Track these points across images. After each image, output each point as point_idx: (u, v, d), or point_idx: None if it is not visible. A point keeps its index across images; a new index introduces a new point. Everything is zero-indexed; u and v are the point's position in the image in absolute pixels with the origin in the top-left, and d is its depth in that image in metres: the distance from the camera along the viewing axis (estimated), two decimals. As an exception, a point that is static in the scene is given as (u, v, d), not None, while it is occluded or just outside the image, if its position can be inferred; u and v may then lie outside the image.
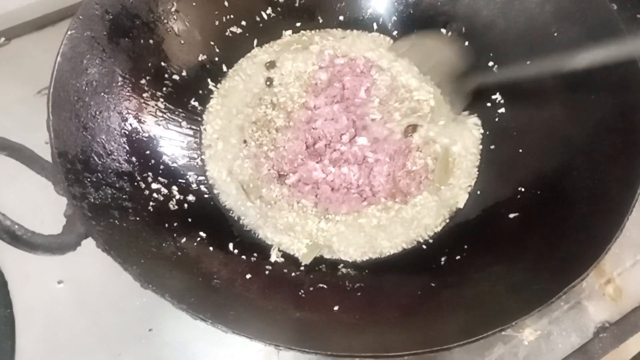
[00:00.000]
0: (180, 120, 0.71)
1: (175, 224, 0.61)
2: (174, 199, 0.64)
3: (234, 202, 0.69)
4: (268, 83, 0.77)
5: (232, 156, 0.71)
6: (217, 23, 0.75)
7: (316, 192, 0.68)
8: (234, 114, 0.75)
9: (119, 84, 0.64)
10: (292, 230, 0.67)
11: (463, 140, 0.72)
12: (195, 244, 0.61)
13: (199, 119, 0.73)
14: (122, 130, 0.63)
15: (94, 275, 0.65)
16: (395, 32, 0.80)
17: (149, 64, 0.68)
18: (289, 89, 0.76)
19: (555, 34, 0.66)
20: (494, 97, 0.72)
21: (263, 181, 0.69)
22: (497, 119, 0.71)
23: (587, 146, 0.60)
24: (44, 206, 0.64)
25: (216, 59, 0.76)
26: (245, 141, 0.72)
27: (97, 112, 0.59)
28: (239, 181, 0.70)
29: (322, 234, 0.66)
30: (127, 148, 0.62)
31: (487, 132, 0.72)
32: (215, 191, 0.69)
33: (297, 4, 0.79)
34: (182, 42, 0.72)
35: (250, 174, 0.70)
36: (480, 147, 0.72)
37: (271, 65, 0.77)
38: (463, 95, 0.74)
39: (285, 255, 0.65)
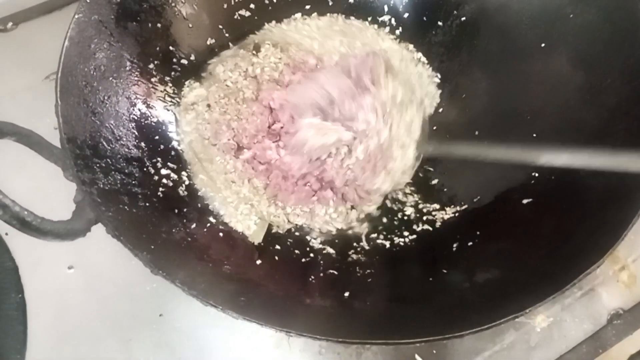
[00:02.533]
0: (189, 105, 0.70)
1: (185, 210, 0.61)
2: (183, 185, 0.64)
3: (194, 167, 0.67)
4: (254, 51, 0.75)
5: (196, 121, 0.70)
6: (225, 6, 0.74)
7: (268, 175, 0.66)
8: (209, 79, 0.73)
9: (127, 68, 0.63)
10: (243, 206, 0.65)
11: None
12: (205, 229, 0.61)
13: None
14: (131, 116, 0.62)
15: (104, 261, 0.65)
16: (406, 15, 0.79)
17: (157, 48, 0.67)
18: (269, 59, 0.74)
19: (571, 16, 0.64)
20: (506, 80, 0.71)
21: (220, 150, 0.67)
22: (510, 103, 0.70)
23: (602, 131, 0.59)
24: (53, 192, 0.64)
25: (225, 43, 0.75)
26: (209, 105, 0.70)
27: (106, 97, 0.59)
28: (193, 144, 0.68)
29: (274, 218, 0.65)
30: (136, 133, 0.62)
31: (500, 117, 0.71)
32: (188, 167, 0.67)
33: (306, -14, 0.78)
34: (190, 25, 0.71)
35: (207, 139, 0.68)
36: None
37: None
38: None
39: (295, 241, 0.64)
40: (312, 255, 0.63)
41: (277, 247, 0.63)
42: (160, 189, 0.61)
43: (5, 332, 0.63)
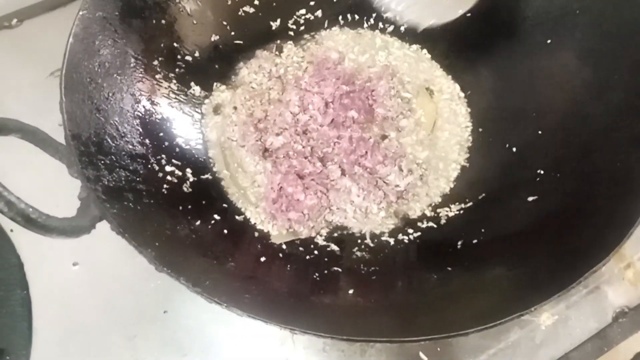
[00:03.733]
0: (194, 101, 0.70)
1: (189, 207, 0.60)
2: (187, 182, 0.64)
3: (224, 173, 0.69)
4: (277, 52, 0.76)
5: (221, 123, 0.71)
6: (229, 2, 0.74)
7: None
8: (235, 83, 0.75)
9: (132, 65, 0.63)
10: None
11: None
12: (209, 226, 0.61)
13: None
14: (135, 112, 0.62)
15: (108, 258, 0.65)
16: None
17: (162, 45, 0.67)
18: (292, 59, 0.76)
19: (577, 12, 0.64)
20: (512, 77, 0.70)
21: (248, 151, 0.69)
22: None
23: (608, 127, 0.58)
24: (58, 189, 0.63)
25: (229, 39, 0.75)
26: (235, 107, 0.71)
27: (110, 94, 0.59)
28: (222, 147, 0.70)
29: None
30: (141, 130, 0.62)
31: (505, 114, 0.70)
32: (215, 169, 0.69)
33: (310, -18, 0.78)
34: (195, 22, 0.71)
35: (235, 140, 0.70)
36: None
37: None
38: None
39: (300, 238, 0.64)
40: (316, 252, 0.63)
41: (282, 244, 0.63)
42: (165, 185, 0.61)
43: (10, 328, 0.63)
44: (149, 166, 0.60)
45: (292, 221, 0.64)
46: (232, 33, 0.75)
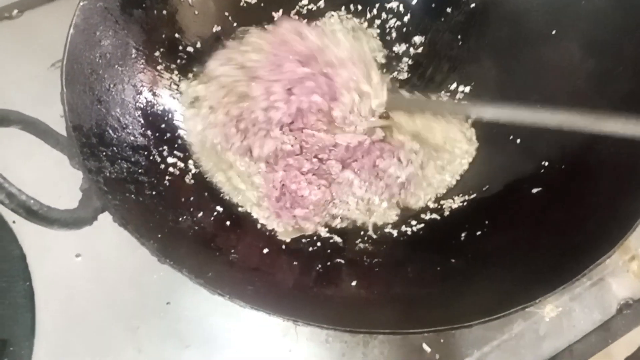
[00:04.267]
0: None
1: (191, 198, 0.60)
2: (190, 173, 0.63)
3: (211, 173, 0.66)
4: (241, 36, 0.71)
5: (201, 125, 0.66)
6: (231, -7, 0.73)
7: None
8: (204, 77, 0.68)
9: (133, 56, 0.63)
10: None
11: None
12: (212, 218, 0.61)
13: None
14: (137, 104, 0.62)
15: (111, 249, 0.65)
16: (414, 1, 0.77)
17: (163, 36, 0.67)
18: (256, 43, 0.69)
19: (582, 2, 0.63)
20: (515, 68, 0.70)
21: (236, 154, 0.66)
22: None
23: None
24: (59, 180, 0.64)
25: (231, 30, 0.74)
26: (211, 107, 0.66)
27: (112, 85, 0.59)
28: (211, 150, 0.66)
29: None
30: (142, 121, 0.61)
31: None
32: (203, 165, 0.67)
33: (313, -28, 0.77)
34: (196, 12, 0.70)
35: (218, 144, 0.66)
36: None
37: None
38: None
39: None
40: (319, 244, 0.63)
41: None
42: (167, 177, 0.60)
43: (13, 319, 0.63)
44: (151, 158, 0.60)
45: (297, 218, 0.63)
46: (234, 24, 0.74)
